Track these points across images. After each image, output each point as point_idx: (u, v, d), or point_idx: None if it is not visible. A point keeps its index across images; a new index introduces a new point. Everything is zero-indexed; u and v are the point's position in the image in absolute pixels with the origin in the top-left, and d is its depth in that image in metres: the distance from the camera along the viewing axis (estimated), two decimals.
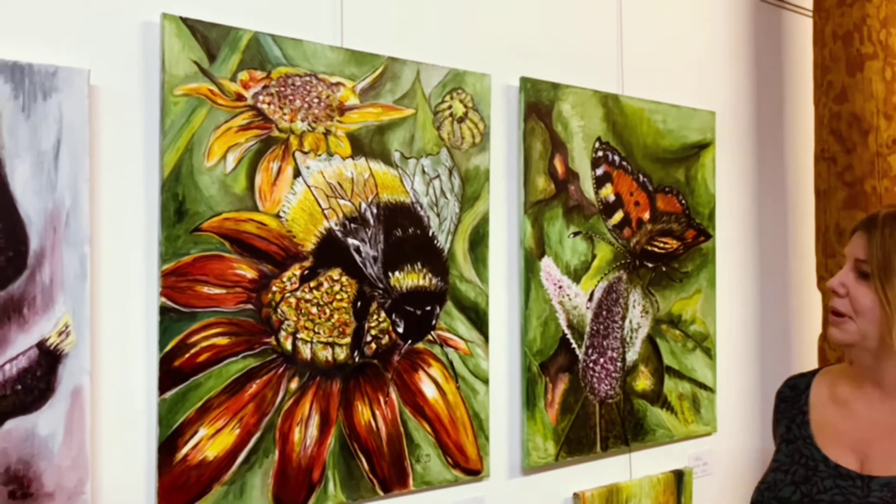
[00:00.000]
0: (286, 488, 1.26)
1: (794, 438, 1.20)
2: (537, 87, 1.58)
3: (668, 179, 1.82)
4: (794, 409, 1.24)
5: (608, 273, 1.70)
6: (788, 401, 1.26)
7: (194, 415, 1.17)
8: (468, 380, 1.47)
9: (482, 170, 1.50)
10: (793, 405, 1.25)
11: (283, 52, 1.27)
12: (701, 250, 1.89)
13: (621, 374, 1.72)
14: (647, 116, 1.77)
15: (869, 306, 1.09)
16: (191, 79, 1.18)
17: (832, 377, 1.24)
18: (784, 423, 1.24)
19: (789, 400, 1.26)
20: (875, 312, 1.09)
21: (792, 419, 1.23)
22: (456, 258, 1.46)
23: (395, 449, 1.37)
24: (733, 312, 2.01)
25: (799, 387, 1.26)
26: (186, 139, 1.18)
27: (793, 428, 1.22)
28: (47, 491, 1.04)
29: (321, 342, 1.30)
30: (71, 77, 1.07)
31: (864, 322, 1.11)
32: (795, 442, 1.20)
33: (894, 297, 1.07)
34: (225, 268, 1.21)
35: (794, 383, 1.28)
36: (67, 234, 1.07)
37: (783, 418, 1.25)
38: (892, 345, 1.08)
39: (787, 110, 2.18)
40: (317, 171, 1.30)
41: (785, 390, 1.29)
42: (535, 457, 1.55)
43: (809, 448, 1.17)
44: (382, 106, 1.37)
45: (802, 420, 1.21)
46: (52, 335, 1.05)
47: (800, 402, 1.24)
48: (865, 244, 1.10)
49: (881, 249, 1.08)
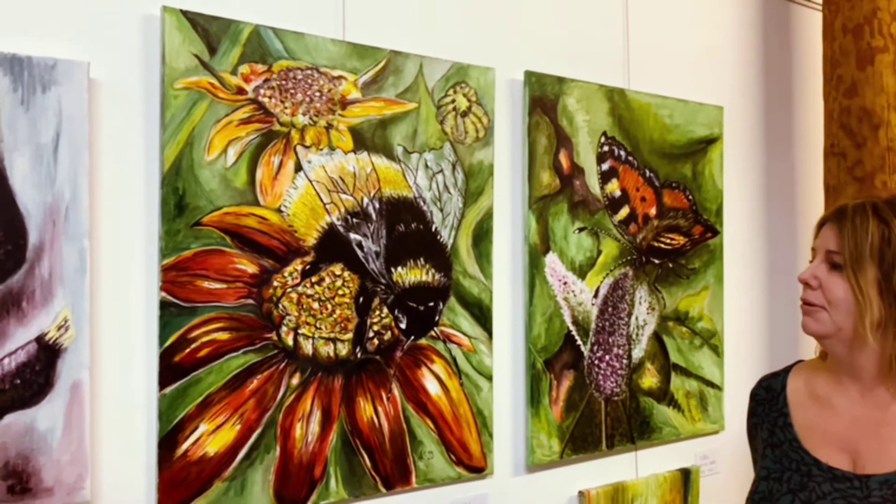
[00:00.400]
0: (287, 485, 1.25)
1: (779, 442, 1.17)
2: (542, 81, 1.56)
3: (674, 175, 1.80)
4: (774, 411, 1.20)
5: (614, 269, 1.68)
6: (765, 403, 1.22)
7: (195, 410, 1.17)
8: (472, 376, 1.46)
9: (486, 164, 1.48)
10: (771, 407, 1.21)
11: (285, 46, 1.26)
12: (708, 246, 1.87)
13: (627, 371, 1.70)
14: (654, 111, 1.75)
15: (842, 297, 1.08)
16: (191, 72, 1.17)
17: (807, 373, 1.21)
18: (766, 428, 1.20)
19: (766, 402, 1.22)
20: (848, 303, 1.08)
21: (773, 423, 1.19)
22: (459, 254, 1.44)
23: (398, 446, 1.36)
24: (741, 309, 1.99)
25: (774, 387, 1.22)
26: (187, 133, 1.17)
27: (776, 432, 1.18)
28: (46, 486, 1.03)
29: (323, 338, 1.29)
30: (70, 70, 1.06)
31: (838, 313, 1.09)
32: (781, 446, 1.16)
33: (867, 286, 1.05)
34: (225, 262, 1.20)
35: (769, 384, 1.24)
36: (67, 227, 1.06)
37: (763, 422, 1.21)
38: (865, 336, 1.06)
39: (796, 105, 2.15)
40: (318, 165, 1.29)
41: (760, 392, 1.25)
42: (539, 454, 1.54)
43: (798, 452, 1.14)
44: (385, 100, 1.36)
45: (784, 422, 1.18)
46: (51, 329, 1.04)
47: (778, 403, 1.20)
48: (836, 235, 1.10)
49: (852, 239, 1.07)
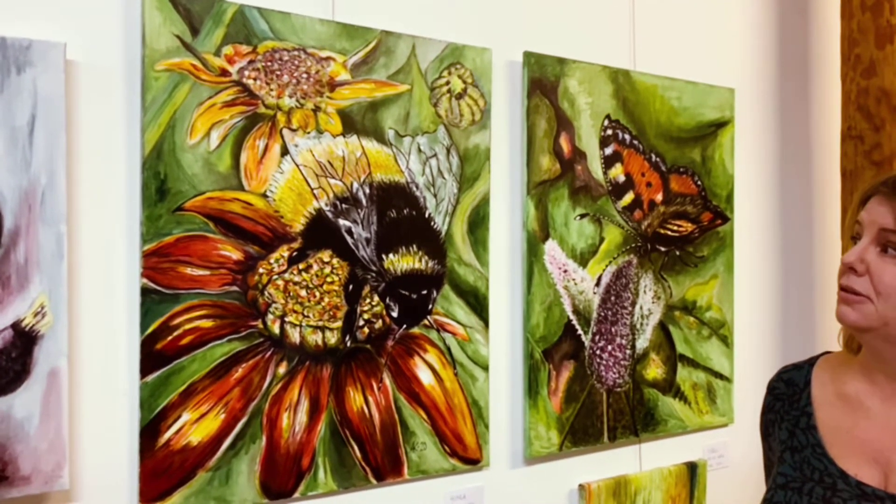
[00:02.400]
0: (274, 475, 1.22)
1: (800, 447, 1.03)
2: (542, 63, 1.51)
3: (682, 159, 1.74)
4: (795, 409, 1.06)
5: (617, 257, 1.63)
6: (785, 399, 1.08)
7: (177, 399, 1.14)
8: (467, 366, 1.42)
9: (482, 148, 1.44)
10: (791, 404, 1.07)
11: (270, 26, 1.22)
12: (718, 234, 1.80)
13: (631, 362, 1.65)
14: (661, 93, 1.69)
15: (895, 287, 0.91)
16: (173, 53, 1.14)
17: (834, 368, 1.07)
18: (785, 428, 1.06)
19: (786, 398, 1.08)
20: None
21: (794, 423, 1.05)
22: (454, 240, 1.40)
23: (389, 436, 1.33)
24: (752, 299, 1.92)
25: (796, 381, 1.08)
26: (168, 116, 1.14)
27: (797, 433, 1.04)
28: (23, 474, 1.02)
29: (311, 326, 1.26)
30: (46, 51, 1.04)
31: (887, 305, 0.92)
32: (802, 451, 1.02)
33: None
34: (209, 248, 1.17)
35: (790, 377, 1.09)
36: (43, 212, 1.04)
37: (781, 420, 1.08)
38: None
39: (812, 86, 2.07)
40: (306, 149, 1.25)
41: (779, 385, 1.10)
42: (537, 446, 1.50)
43: (821, 460, 1.00)
44: (375, 81, 1.32)
45: (807, 424, 1.03)
46: (27, 316, 1.02)
47: (800, 400, 1.06)
48: (892, 211, 0.91)
49: None
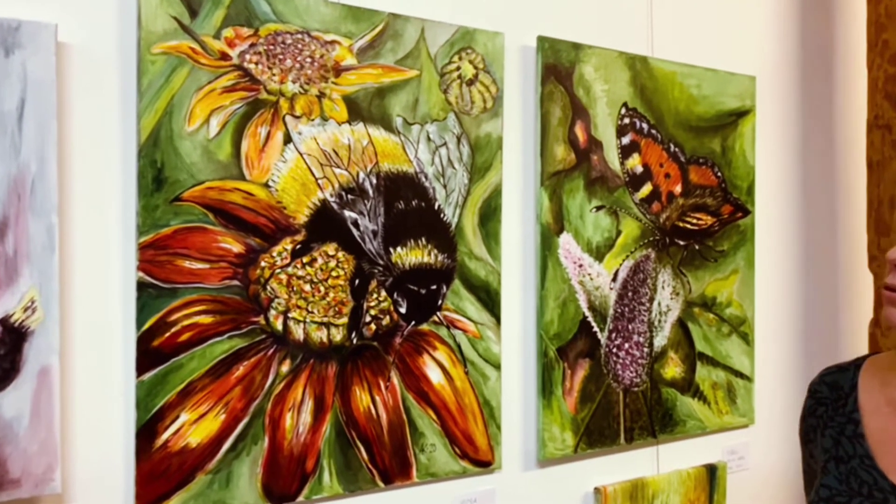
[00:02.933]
0: (277, 478, 1.17)
1: (847, 457, 0.97)
2: (556, 48, 1.45)
3: (702, 150, 1.67)
4: (841, 415, 1.00)
5: (634, 251, 1.57)
6: (829, 404, 1.02)
7: (175, 398, 1.09)
8: (478, 365, 1.36)
9: (494, 137, 1.38)
10: (836, 410, 1.01)
11: (273, 8, 1.17)
12: (738, 227, 1.74)
13: (648, 360, 1.59)
14: (680, 81, 1.63)
15: None
16: (170, 36, 1.09)
17: (883, 372, 1.00)
18: (829, 435, 1.00)
19: (830, 403, 1.02)
20: None
21: (840, 430, 0.99)
22: (465, 233, 1.35)
23: (397, 438, 1.28)
24: (774, 295, 1.86)
25: (841, 386, 1.02)
26: (165, 101, 1.09)
27: (843, 442, 0.98)
28: (13, 477, 0.97)
29: (315, 322, 1.20)
30: (36, 32, 0.99)
31: None
32: (849, 462, 0.96)
33: None
34: (208, 241, 1.12)
35: (834, 380, 1.03)
36: (33, 202, 0.99)
37: (825, 427, 1.01)
38: None
39: (837, 73, 1.99)
40: (310, 137, 1.20)
41: (822, 389, 1.04)
42: (551, 448, 1.44)
43: (871, 472, 0.94)
44: (383, 67, 1.26)
45: (854, 432, 0.97)
46: (16, 311, 0.97)
47: (846, 406, 1.00)
48: None
49: None
